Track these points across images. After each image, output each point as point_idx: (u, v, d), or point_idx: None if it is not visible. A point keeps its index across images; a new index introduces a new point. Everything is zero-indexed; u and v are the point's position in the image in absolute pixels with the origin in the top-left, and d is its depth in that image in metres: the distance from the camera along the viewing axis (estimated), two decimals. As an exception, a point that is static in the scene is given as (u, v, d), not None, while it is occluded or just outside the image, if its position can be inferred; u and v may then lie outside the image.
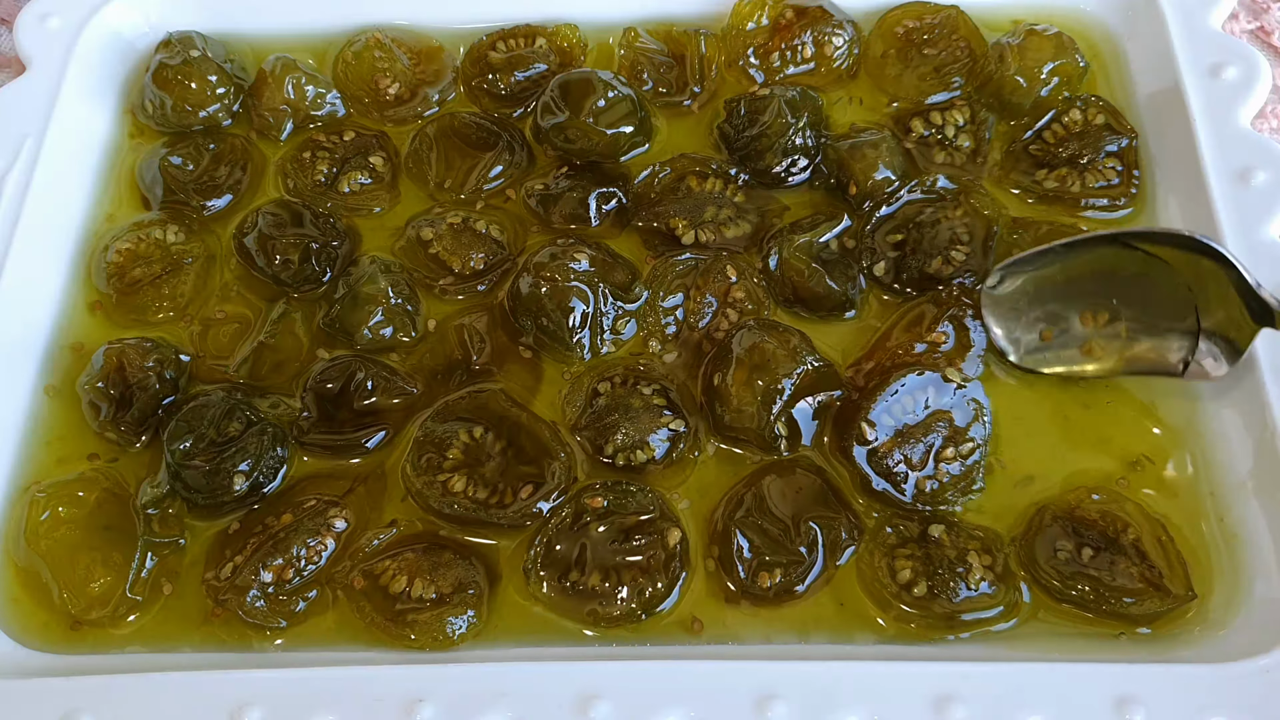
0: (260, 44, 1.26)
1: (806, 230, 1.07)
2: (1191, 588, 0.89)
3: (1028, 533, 0.92)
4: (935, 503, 0.94)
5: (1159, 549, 0.90)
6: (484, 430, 0.97)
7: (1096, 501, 0.93)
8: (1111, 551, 0.90)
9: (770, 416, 0.95)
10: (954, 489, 0.94)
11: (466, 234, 1.09)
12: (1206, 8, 1.14)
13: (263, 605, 0.91)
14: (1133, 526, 0.91)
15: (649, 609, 0.90)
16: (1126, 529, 0.91)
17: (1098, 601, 0.88)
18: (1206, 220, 1.01)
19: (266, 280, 1.08)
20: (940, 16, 1.20)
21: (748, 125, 1.12)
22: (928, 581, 0.89)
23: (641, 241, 1.11)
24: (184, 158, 1.16)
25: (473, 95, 1.22)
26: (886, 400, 0.95)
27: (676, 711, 0.83)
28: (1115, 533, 0.91)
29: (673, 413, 0.98)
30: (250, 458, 0.96)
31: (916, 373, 0.96)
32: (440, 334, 1.05)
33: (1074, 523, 0.92)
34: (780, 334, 0.98)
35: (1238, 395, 0.96)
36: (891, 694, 0.83)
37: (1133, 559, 0.89)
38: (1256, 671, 0.83)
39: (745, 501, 0.93)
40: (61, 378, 1.05)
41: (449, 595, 0.90)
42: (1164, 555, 0.90)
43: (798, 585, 0.90)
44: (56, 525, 0.94)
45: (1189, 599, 0.88)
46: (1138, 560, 0.89)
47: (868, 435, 0.94)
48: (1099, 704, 0.81)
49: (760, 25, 1.21)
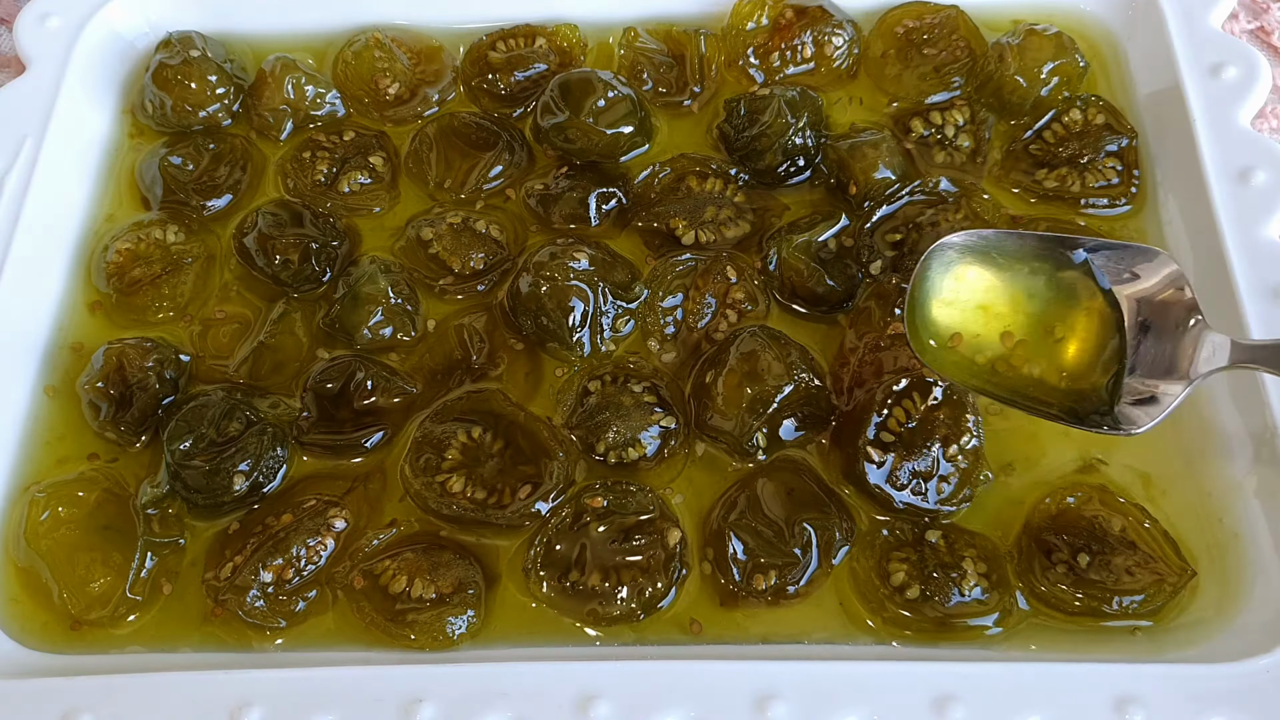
0: (260, 44, 1.26)
1: (805, 230, 1.07)
2: (1187, 563, 0.89)
3: (1022, 553, 0.92)
4: (956, 501, 0.94)
5: (1146, 535, 0.91)
6: (482, 430, 0.97)
7: (1073, 503, 0.93)
8: (1106, 552, 0.90)
9: (752, 425, 0.95)
10: (967, 483, 0.94)
11: (466, 234, 1.09)
12: (1206, 8, 1.14)
13: (262, 605, 0.91)
14: (1115, 518, 0.91)
15: (649, 609, 0.90)
16: (1110, 522, 0.91)
17: (1106, 603, 0.88)
18: (1206, 220, 1.01)
19: (266, 280, 1.08)
20: (940, 16, 1.20)
21: (748, 125, 1.12)
22: (921, 585, 0.89)
23: (641, 241, 1.11)
24: (184, 158, 1.16)
25: (472, 95, 1.22)
26: (880, 417, 0.95)
27: (676, 711, 0.83)
28: (1102, 530, 0.91)
29: (663, 410, 0.98)
30: (250, 458, 0.96)
31: (895, 384, 0.95)
32: (440, 334, 1.05)
33: (1060, 530, 0.91)
34: (780, 345, 0.98)
35: (1238, 395, 0.96)
36: (891, 694, 0.83)
37: (1127, 553, 0.89)
38: (1256, 671, 0.83)
39: (739, 503, 0.93)
40: (61, 378, 1.05)
41: (449, 595, 0.90)
42: (1153, 540, 0.90)
43: (793, 586, 0.90)
44: (56, 525, 0.94)
45: (1189, 576, 0.88)
46: (1131, 552, 0.89)
47: (874, 457, 0.93)
48: (1099, 704, 0.81)
49: (760, 25, 1.21)
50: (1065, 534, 0.91)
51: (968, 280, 0.95)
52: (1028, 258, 0.94)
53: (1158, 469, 0.96)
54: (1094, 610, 0.88)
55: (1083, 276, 0.93)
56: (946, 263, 0.95)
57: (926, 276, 0.95)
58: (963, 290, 0.95)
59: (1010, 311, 0.94)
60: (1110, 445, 0.97)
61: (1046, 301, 0.93)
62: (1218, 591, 0.90)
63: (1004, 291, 0.94)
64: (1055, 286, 0.93)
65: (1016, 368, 0.92)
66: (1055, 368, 0.92)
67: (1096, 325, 0.92)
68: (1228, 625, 0.88)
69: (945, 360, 0.94)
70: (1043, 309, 0.93)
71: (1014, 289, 0.94)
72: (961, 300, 0.95)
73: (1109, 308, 0.92)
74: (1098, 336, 0.91)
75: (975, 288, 0.95)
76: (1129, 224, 1.09)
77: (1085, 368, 0.91)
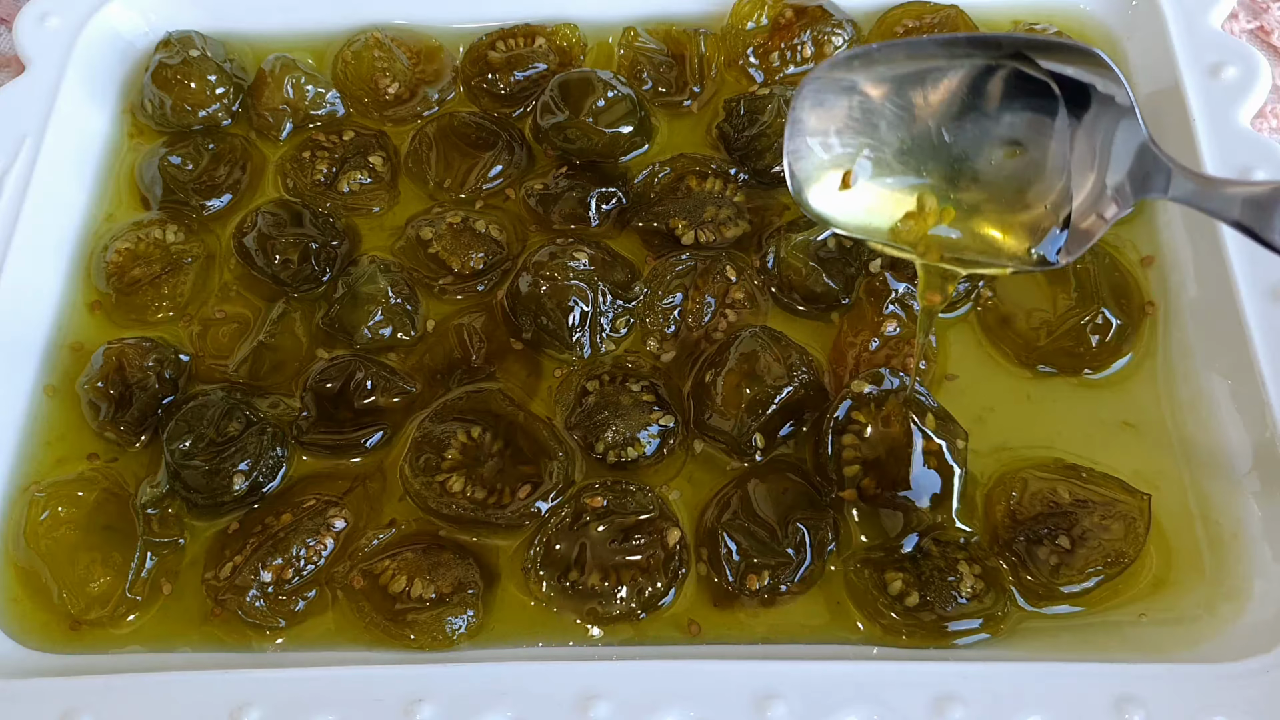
0: (260, 44, 1.26)
1: (804, 229, 1.07)
2: (1137, 490, 0.91)
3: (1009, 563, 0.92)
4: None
5: (1091, 484, 0.92)
6: (482, 430, 0.97)
7: (1018, 497, 0.93)
8: (1073, 521, 0.90)
9: (750, 425, 0.95)
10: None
11: (466, 234, 1.09)
12: (1206, 8, 1.14)
13: (262, 605, 0.91)
14: (1059, 488, 0.92)
15: (649, 608, 0.90)
16: (1057, 495, 0.91)
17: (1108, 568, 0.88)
18: (1206, 220, 1.01)
19: (266, 280, 1.08)
20: (940, 16, 1.20)
21: (747, 125, 1.12)
22: (919, 592, 0.88)
23: (641, 241, 1.11)
24: (183, 157, 1.16)
25: (472, 95, 1.22)
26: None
27: (676, 711, 0.82)
28: (1060, 504, 0.91)
29: (662, 409, 0.98)
30: (250, 457, 0.96)
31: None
32: (439, 333, 1.05)
33: (1029, 525, 0.91)
34: (781, 346, 0.98)
35: (1238, 395, 0.96)
36: (891, 694, 0.83)
37: (1088, 511, 0.90)
38: (1256, 671, 0.83)
39: (731, 504, 0.93)
40: (61, 377, 1.05)
41: (448, 595, 0.90)
42: (1101, 486, 0.92)
43: (786, 586, 0.90)
44: (56, 525, 0.94)
45: (1144, 500, 0.90)
46: (1091, 509, 0.90)
47: None
48: (1099, 704, 0.81)
49: (760, 25, 1.21)
50: (1033, 529, 0.91)
51: (844, 106, 0.84)
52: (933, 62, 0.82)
53: (1156, 468, 0.96)
54: (1110, 575, 0.89)
55: (1004, 84, 0.82)
56: (819, 91, 0.85)
57: (798, 107, 0.85)
58: (838, 120, 0.84)
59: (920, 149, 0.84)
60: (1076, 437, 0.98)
61: (958, 121, 0.84)
62: (1217, 591, 0.90)
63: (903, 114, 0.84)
64: (969, 95, 0.83)
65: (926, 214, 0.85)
66: (978, 202, 0.84)
67: (1027, 143, 0.82)
68: (1227, 625, 0.88)
69: (836, 208, 0.86)
70: (958, 133, 0.84)
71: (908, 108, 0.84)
72: (843, 133, 0.84)
73: (1039, 119, 0.82)
74: (1028, 157, 0.83)
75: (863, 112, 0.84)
76: (1129, 224, 1.09)
77: (1014, 196, 0.83)
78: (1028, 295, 1.03)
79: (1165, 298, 1.04)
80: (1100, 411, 0.99)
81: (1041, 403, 1.00)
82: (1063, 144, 0.82)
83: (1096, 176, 0.81)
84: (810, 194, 0.88)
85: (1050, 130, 0.82)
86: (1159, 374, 1.01)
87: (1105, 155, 0.81)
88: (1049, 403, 1.00)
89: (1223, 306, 0.98)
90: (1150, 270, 1.06)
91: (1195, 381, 0.99)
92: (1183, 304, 1.03)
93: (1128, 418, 0.99)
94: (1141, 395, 1.00)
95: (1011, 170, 0.84)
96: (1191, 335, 1.01)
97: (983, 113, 0.83)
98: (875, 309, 1.01)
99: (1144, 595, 0.90)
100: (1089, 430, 0.98)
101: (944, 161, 0.85)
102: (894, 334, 1.00)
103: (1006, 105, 0.83)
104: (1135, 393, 1.00)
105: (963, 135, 0.84)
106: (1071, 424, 0.98)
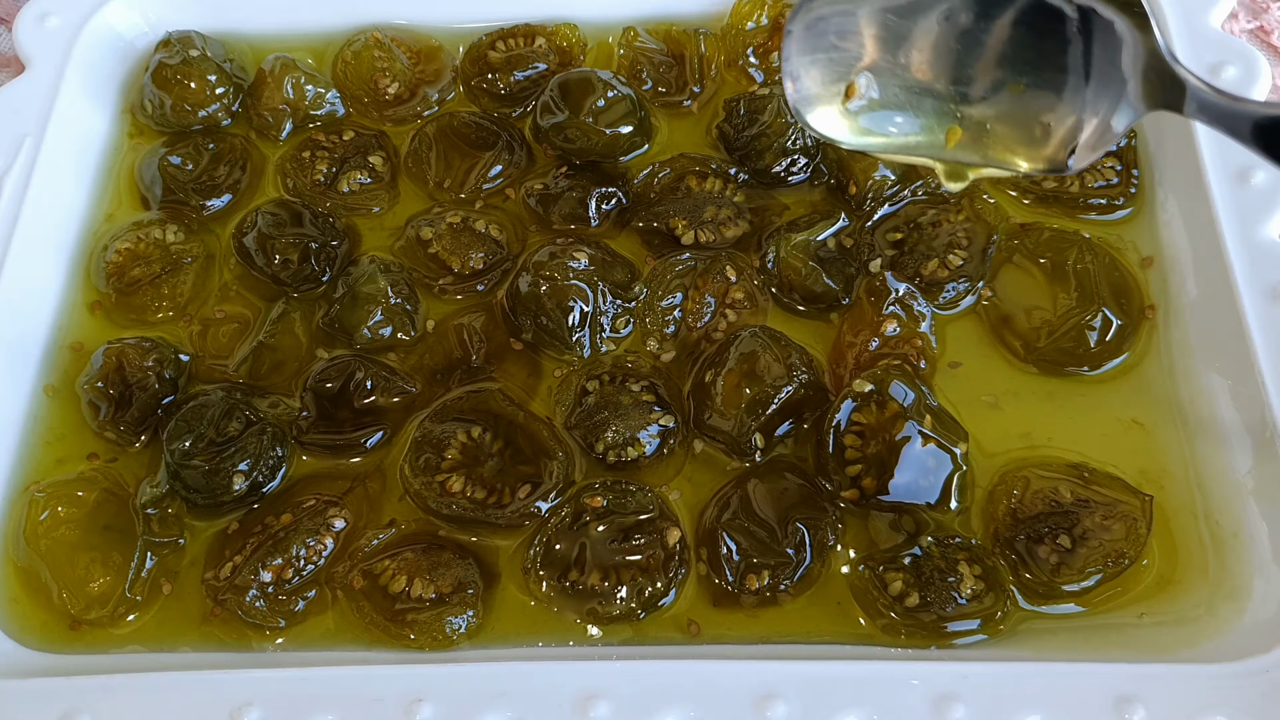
0: (260, 44, 1.26)
1: (804, 229, 1.07)
2: (1138, 491, 0.91)
3: (1010, 562, 0.91)
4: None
5: (1095, 486, 0.92)
6: (482, 430, 0.97)
7: (1019, 495, 0.93)
8: (1074, 521, 0.90)
9: (750, 425, 0.95)
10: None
11: (466, 233, 1.09)
12: (1206, 7, 1.14)
13: (262, 605, 0.91)
14: (1061, 487, 0.92)
15: (649, 608, 0.90)
16: (1059, 494, 0.91)
17: (1109, 562, 0.88)
18: (1206, 220, 1.01)
19: (266, 280, 1.08)
20: (940, 15, 1.20)
21: (747, 125, 1.12)
22: (919, 592, 0.88)
23: (641, 241, 1.11)
24: (183, 157, 1.16)
25: (472, 95, 1.22)
26: None
27: (676, 711, 0.82)
28: (1061, 503, 0.91)
29: (662, 409, 0.98)
30: (249, 457, 0.96)
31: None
32: (439, 333, 1.05)
33: (1030, 524, 0.91)
34: (781, 346, 0.98)
35: (1238, 395, 0.96)
36: (891, 694, 0.83)
37: (1090, 512, 0.90)
38: (1256, 671, 0.83)
39: (731, 504, 0.93)
40: (61, 377, 1.05)
41: (448, 595, 0.90)
42: (1103, 486, 0.92)
43: (786, 585, 0.90)
44: (56, 525, 0.94)
45: (1146, 501, 0.90)
46: (1093, 509, 0.90)
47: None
48: (1099, 704, 0.81)
49: (760, 25, 1.21)
50: (1035, 528, 0.91)
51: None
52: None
53: (1156, 467, 0.96)
54: (1110, 574, 0.89)
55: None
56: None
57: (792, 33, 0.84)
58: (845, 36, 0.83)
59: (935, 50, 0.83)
60: (1075, 435, 0.98)
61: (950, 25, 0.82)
62: (1217, 591, 0.90)
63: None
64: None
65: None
66: (989, 115, 0.82)
67: (1038, 51, 0.80)
68: (1227, 625, 0.88)
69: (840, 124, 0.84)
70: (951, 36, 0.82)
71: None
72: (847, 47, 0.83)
73: (1048, 23, 0.80)
74: (1039, 64, 0.81)
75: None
76: (1129, 224, 1.09)
77: (1026, 105, 0.81)
78: (1028, 294, 1.03)
79: (1165, 298, 1.04)
80: (1101, 411, 0.99)
81: (1042, 402, 1.00)
82: (1076, 53, 0.80)
83: (1109, 86, 0.79)
84: (812, 115, 0.86)
85: (1064, 38, 0.80)
86: (1159, 374, 1.01)
87: (1117, 65, 0.78)
88: (1049, 401, 1.00)
89: (1223, 306, 0.97)
90: (1150, 271, 1.06)
91: (1195, 381, 0.99)
92: (1183, 304, 1.02)
93: (1128, 417, 0.99)
94: (1141, 395, 1.00)
95: (1023, 78, 0.82)
96: (1192, 335, 1.01)
97: (992, 19, 0.81)
98: (875, 309, 1.01)
99: (1148, 595, 0.90)
100: (1088, 429, 0.98)
101: (953, 72, 0.83)
102: (894, 334, 1.00)
103: (1018, 12, 0.81)
104: (1135, 392, 1.00)
105: (972, 43, 0.82)
106: (1071, 422, 0.98)
